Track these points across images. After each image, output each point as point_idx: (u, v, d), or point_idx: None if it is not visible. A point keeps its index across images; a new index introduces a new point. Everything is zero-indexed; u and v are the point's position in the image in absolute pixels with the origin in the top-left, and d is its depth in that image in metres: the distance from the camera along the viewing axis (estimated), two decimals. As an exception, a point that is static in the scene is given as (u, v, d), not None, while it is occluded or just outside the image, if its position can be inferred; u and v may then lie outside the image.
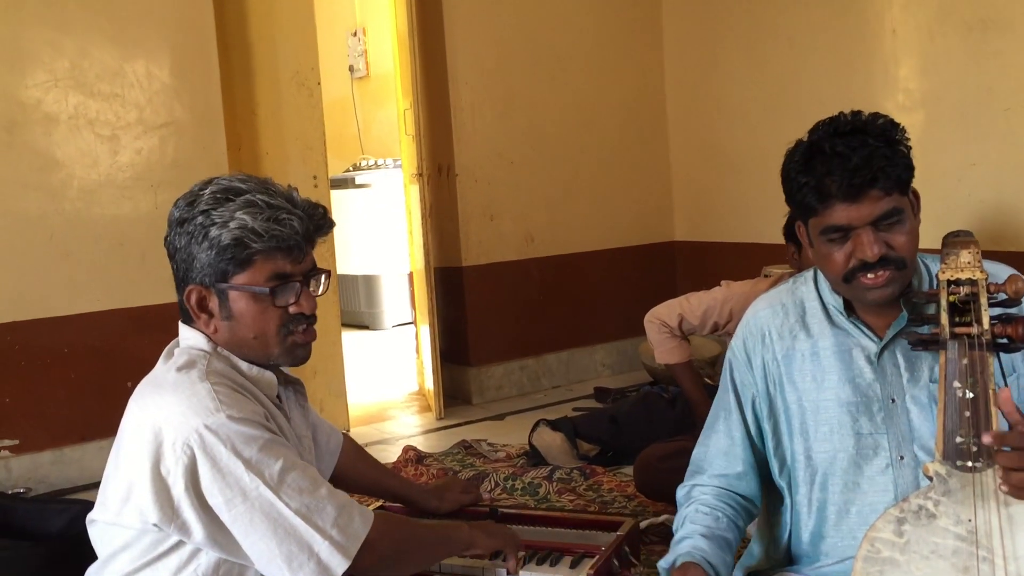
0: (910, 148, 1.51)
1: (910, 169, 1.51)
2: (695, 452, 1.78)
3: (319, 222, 1.52)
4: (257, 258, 1.47)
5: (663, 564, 1.60)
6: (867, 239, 1.48)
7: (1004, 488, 1.32)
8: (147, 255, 3.76)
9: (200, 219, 1.46)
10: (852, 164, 1.45)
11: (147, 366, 1.56)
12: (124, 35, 3.77)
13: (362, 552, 1.42)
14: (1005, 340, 1.42)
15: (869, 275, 1.50)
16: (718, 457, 1.72)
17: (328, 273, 1.60)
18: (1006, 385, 1.47)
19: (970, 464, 1.36)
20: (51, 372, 3.70)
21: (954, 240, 1.52)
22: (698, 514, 1.65)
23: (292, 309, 1.51)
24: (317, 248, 1.59)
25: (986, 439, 1.33)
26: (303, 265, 1.52)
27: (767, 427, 1.69)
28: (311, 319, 1.55)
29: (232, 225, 1.44)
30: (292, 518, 1.38)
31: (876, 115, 1.52)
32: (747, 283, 3.31)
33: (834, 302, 1.63)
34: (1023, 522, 1.33)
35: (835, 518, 1.61)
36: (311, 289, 1.54)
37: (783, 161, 1.57)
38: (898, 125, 1.51)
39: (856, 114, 1.52)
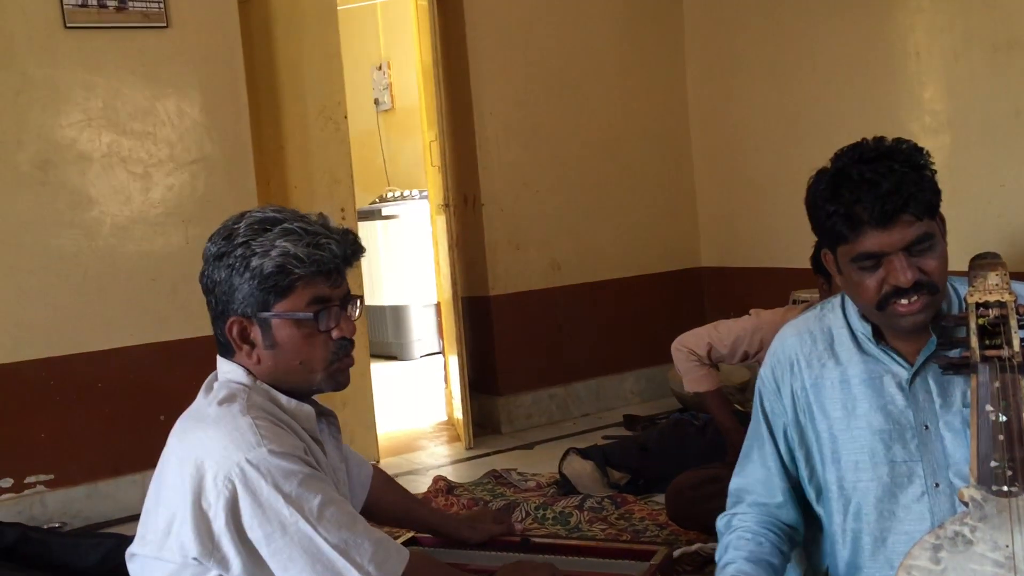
0: (935, 172, 1.50)
1: (938, 193, 1.50)
2: (733, 483, 1.76)
3: (353, 246, 1.55)
4: (299, 284, 1.49)
5: None
6: (900, 265, 1.47)
7: None
8: (179, 289, 3.81)
9: (240, 251, 1.48)
10: (883, 190, 1.44)
11: (180, 399, 1.58)
12: (155, 74, 3.85)
13: None
14: (1037, 362, 1.41)
15: (903, 301, 1.49)
16: (756, 487, 1.71)
17: (362, 298, 1.62)
18: None
19: (1006, 488, 1.35)
20: (85, 407, 3.75)
21: (981, 263, 1.52)
22: (741, 540, 1.64)
23: (334, 333, 1.53)
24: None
25: None
26: (340, 289, 1.55)
27: (800, 455, 1.67)
28: (352, 344, 1.57)
29: (274, 253, 1.47)
30: (330, 553, 1.39)
31: (900, 140, 1.51)
32: (777, 312, 3.29)
33: (863, 329, 1.62)
34: (1062, 547, 1.32)
35: (871, 548, 1.59)
36: (348, 313, 1.56)
37: (807, 190, 1.56)
38: (922, 150, 1.51)
39: (879, 140, 1.52)
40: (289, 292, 1.49)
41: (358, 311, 1.60)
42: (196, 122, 3.93)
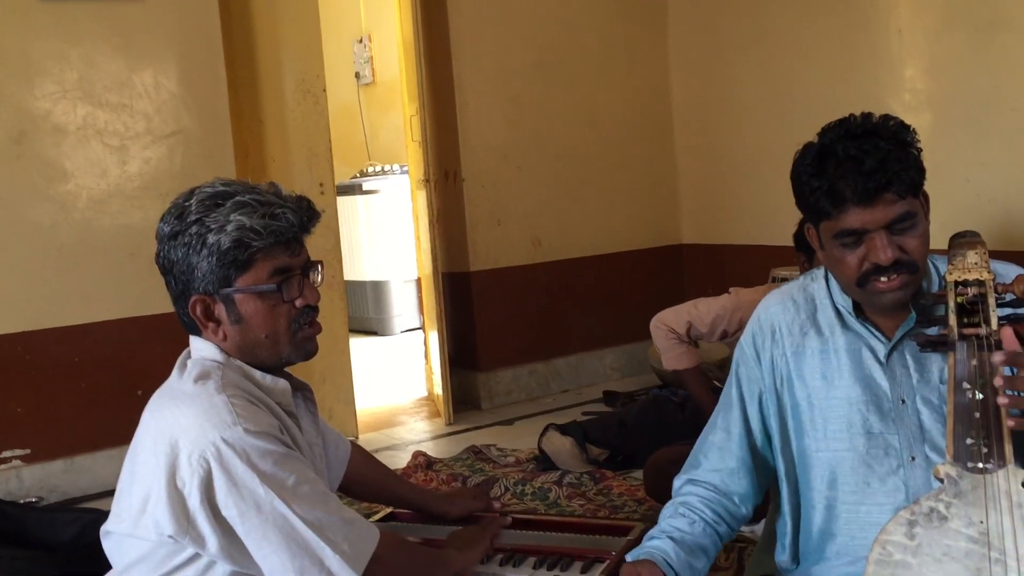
0: (921, 150, 1.51)
1: (922, 172, 1.50)
2: (695, 445, 1.78)
3: (309, 212, 1.53)
4: (258, 257, 1.47)
5: (628, 557, 1.61)
6: (881, 243, 1.47)
7: (1011, 423, 1.33)
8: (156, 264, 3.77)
9: (195, 228, 1.46)
10: (866, 168, 1.44)
11: (158, 375, 1.57)
12: (131, 46, 3.79)
13: (370, 567, 1.43)
14: (1015, 340, 1.42)
15: (883, 279, 1.50)
16: (712, 451, 1.73)
17: (323, 263, 1.61)
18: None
19: (981, 465, 1.36)
20: (62, 381, 3.72)
21: (960, 241, 1.52)
22: (675, 516, 1.67)
23: (298, 302, 1.52)
24: (318, 248, 1.60)
25: (997, 358, 1.34)
26: (300, 258, 1.53)
27: (774, 424, 1.68)
28: (316, 311, 1.56)
29: (230, 228, 1.44)
30: (305, 531, 1.38)
31: (887, 117, 1.51)
32: (757, 290, 3.30)
33: (844, 303, 1.63)
34: (1035, 523, 1.33)
35: (845, 517, 1.60)
36: (310, 280, 1.55)
37: (793, 164, 1.57)
38: (909, 127, 1.51)
39: (867, 116, 1.52)
40: (249, 266, 1.47)
41: (320, 276, 1.59)
42: (173, 94, 3.88)
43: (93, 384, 3.77)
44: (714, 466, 1.71)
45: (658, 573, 1.52)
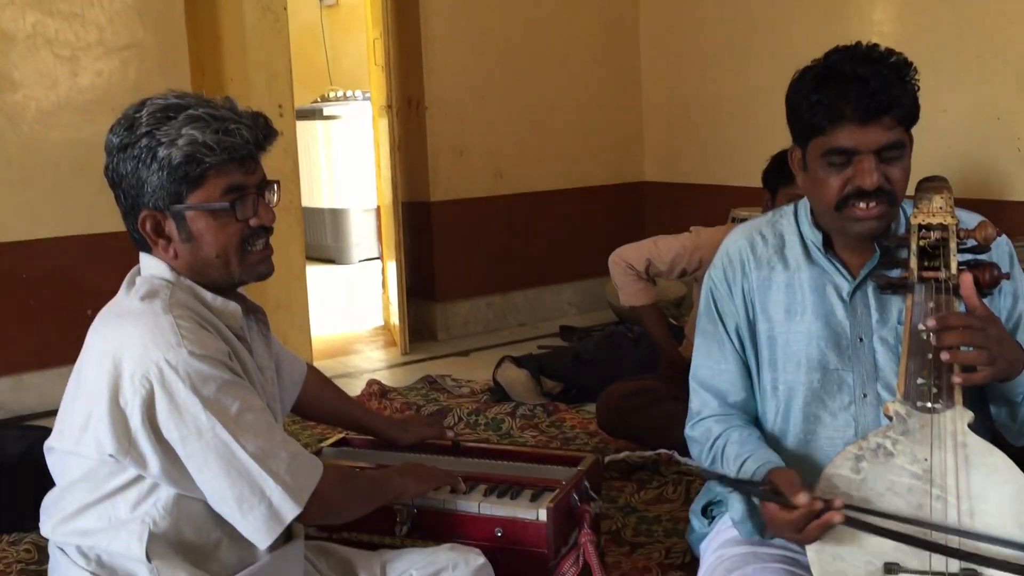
0: (919, 88, 1.52)
1: (918, 107, 1.52)
2: (696, 382, 1.73)
3: (265, 130, 1.47)
4: (211, 173, 1.42)
5: (749, 474, 1.53)
6: (868, 166, 1.48)
7: (957, 380, 1.35)
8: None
9: (145, 141, 1.40)
10: (871, 88, 1.45)
11: (108, 294, 1.52)
12: (84, -49, 3.64)
13: (312, 500, 1.41)
14: (973, 286, 1.43)
15: (862, 204, 1.50)
16: (725, 385, 1.69)
17: (279, 183, 1.56)
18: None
19: (930, 405, 1.38)
20: (9, 298, 3.64)
21: (927, 185, 1.53)
22: (751, 437, 1.61)
23: (252, 222, 1.47)
24: (276, 172, 1.55)
25: (930, 323, 1.36)
26: (255, 176, 1.48)
27: (750, 354, 1.69)
28: (270, 231, 1.52)
29: (181, 142, 1.39)
30: (247, 460, 1.36)
31: (891, 51, 1.52)
32: (718, 230, 3.30)
33: (813, 237, 1.63)
34: (978, 463, 1.36)
35: (794, 448, 1.63)
36: (266, 200, 1.51)
37: (792, 82, 1.56)
38: (911, 64, 1.52)
39: (873, 45, 1.53)
40: (201, 182, 1.42)
41: (276, 197, 1.53)
42: (127, 5, 3.74)
43: (41, 302, 3.69)
44: (731, 399, 1.69)
45: (799, 477, 1.41)
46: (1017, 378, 1.43)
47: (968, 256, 1.47)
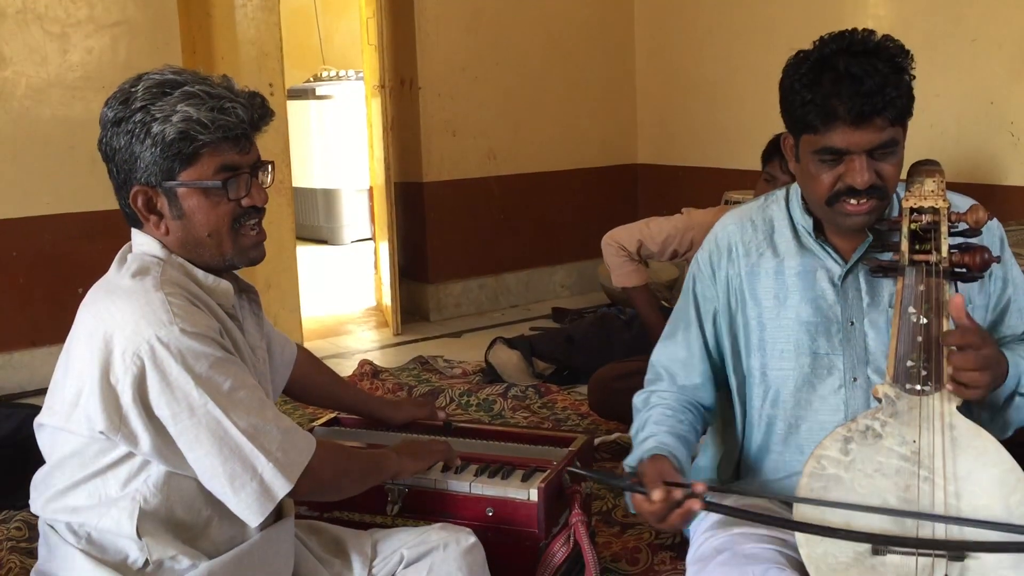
0: (914, 77, 1.49)
1: (912, 100, 1.49)
2: (653, 358, 1.79)
3: (261, 110, 1.47)
4: (204, 151, 1.41)
5: (629, 461, 1.61)
6: (860, 166, 1.46)
7: (950, 387, 1.36)
8: (98, 159, 3.58)
9: (139, 116, 1.39)
10: (864, 88, 1.42)
11: (98, 272, 1.51)
12: (73, -74, 3.60)
13: (303, 477, 1.41)
14: (963, 269, 1.44)
15: (852, 201, 1.50)
16: (677, 367, 1.74)
17: (274, 164, 1.55)
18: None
19: (919, 388, 1.38)
20: (-2, 276, 3.63)
21: (920, 168, 1.53)
22: (663, 416, 1.66)
23: (244, 202, 1.47)
24: (267, 151, 1.53)
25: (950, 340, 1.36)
26: (250, 156, 1.47)
27: (726, 343, 1.70)
28: (262, 213, 1.51)
29: (175, 119, 1.38)
30: (238, 437, 1.36)
31: (888, 38, 1.48)
32: (709, 211, 3.30)
33: (804, 223, 1.63)
34: (965, 445, 1.37)
35: (784, 433, 1.64)
36: (259, 181, 1.50)
37: (784, 71, 1.53)
38: (908, 52, 1.48)
39: (869, 33, 1.48)
40: (195, 160, 1.41)
41: (270, 178, 1.52)
42: (118, -19, 3.71)
43: (31, 280, 3.68)
44: (680, 381, 1.73)
45: (672, 468, 1.50)
46: (999, 388, 1.45)
47: (959, 239, 1.47)
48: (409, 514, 1.78)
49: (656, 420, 1.66)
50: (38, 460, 1.49)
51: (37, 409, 2.86)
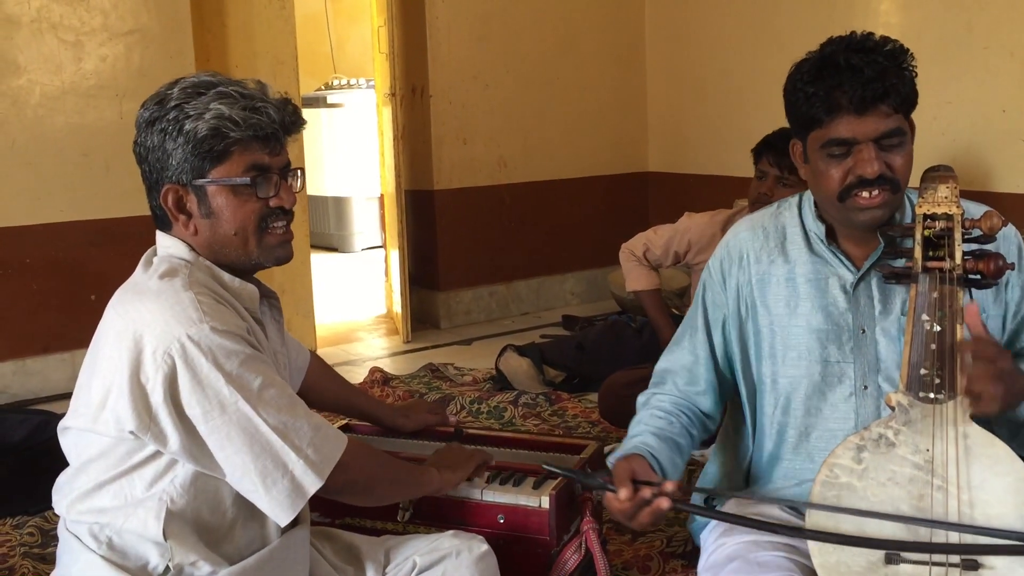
0: (916, 74, 1.52)
1: (915, 93, 1.52)
2: (659, 363, 1.80)
3: (293, 116, 1.49)
4: (235, 149, 1.43)
5: (611, 458, 1.62)
6: (868, 155, 1.48)
7: (965, 401, 1.35)
8: (112, 166, 3.68)
9: (173, 114, 1.41)
10: (865, 77, 1.45)
11: (111, 279, 1.53)
12: (88, -64, 3.63)
13: (335, 473, 1.41)
14: (977, 276, 1.43)
15: (864, 193, 1.50)
16: (680, 372, 1.74)
17: (303, 170, 1.56)
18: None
19: (932, 396, 1.38)
20: (11, 283, 3.64)
21: (933, 175, 1.52)
22: (652, 417, 1.68)
23: (272, 202, 1.48)
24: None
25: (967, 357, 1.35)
26: (280, 158, 1.49)
27: (736, 350, 1.70)
28: (290, 215, 1.52)
29: (208, 116, 1.40)
30: (269, 434, 1.37)
31: (887, 38, 1.52)
32: (707, 214, 3.33)
33: (816, 229, 1.63)
34: (979, 454, 1.36)
35: (794, 441, 1.63)
36: (288, 184, 1.51)
37: (788, 75, 1.56)
38: (907, 50, 1.52)
39: (869, 34, 1.52)
40: (225, 157, 1.43)
41: (300, 182, 1.54)
42: (132, -10, 3.74)
43: (44, 287, 3.69)
44: (682, 385, 1.73)
45: (648, 467, 1.52)
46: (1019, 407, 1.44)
47: (973, 246, 1.46)
48: (420, 521, 1.78)
49: (645, 421, 1.67)
50: (51, 467, 1.50)
51: (49, 415, 2.89)
